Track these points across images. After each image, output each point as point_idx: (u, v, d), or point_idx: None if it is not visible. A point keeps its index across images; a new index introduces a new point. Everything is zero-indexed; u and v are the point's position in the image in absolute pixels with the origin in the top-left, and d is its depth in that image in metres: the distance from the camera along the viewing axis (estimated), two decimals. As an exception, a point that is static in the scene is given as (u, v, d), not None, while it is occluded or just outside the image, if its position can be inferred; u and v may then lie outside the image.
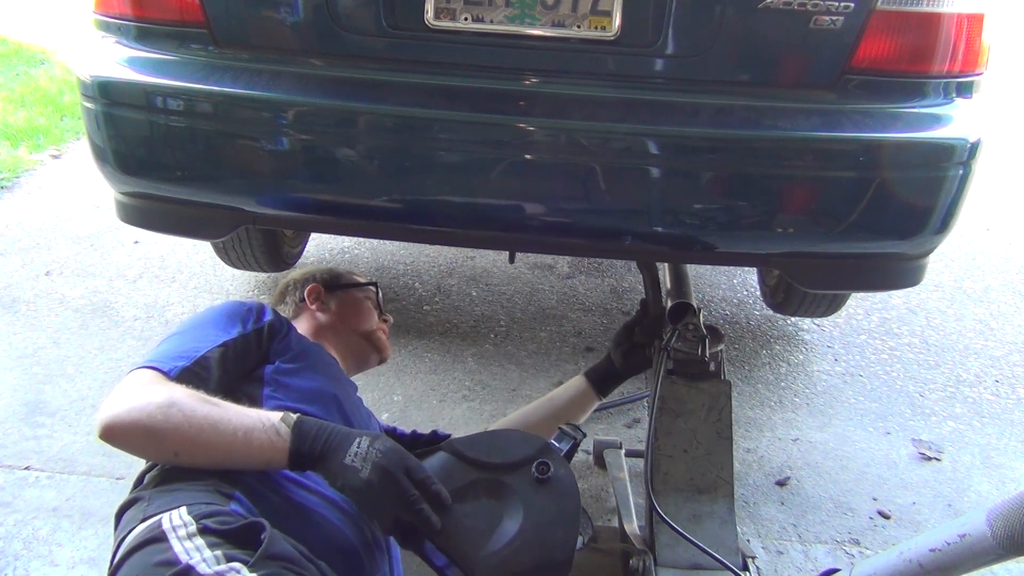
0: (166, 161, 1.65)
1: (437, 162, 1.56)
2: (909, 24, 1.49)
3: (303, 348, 1.51)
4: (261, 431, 1.16)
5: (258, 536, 1.06)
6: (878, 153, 1.52)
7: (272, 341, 1.46)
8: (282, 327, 1.51)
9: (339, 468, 1.14)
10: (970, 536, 1.05)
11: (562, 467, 1.27)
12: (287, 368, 1.43)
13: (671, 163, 1.56)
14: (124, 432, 1.15)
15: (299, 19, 1.56)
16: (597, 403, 1.84)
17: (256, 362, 1.43)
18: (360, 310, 1.73)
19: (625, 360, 1.78)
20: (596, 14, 1.50)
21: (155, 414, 1.14)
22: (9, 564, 1.61)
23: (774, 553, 1.78)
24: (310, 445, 1.16)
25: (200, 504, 1.10)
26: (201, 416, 1.15)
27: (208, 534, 1.04)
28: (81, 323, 2.50)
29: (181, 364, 1.27)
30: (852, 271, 1.72)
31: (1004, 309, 3.00)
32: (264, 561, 1.02)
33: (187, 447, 1.15)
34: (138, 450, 1.19)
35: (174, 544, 1.03)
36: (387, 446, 1.17)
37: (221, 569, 0.99)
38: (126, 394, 1.18)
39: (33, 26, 6.17)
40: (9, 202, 3.39)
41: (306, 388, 1.41)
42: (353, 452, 1.14)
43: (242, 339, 1.39)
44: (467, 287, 2.88)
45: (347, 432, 1.18)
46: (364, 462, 1.14)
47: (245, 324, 1.42)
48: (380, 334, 1.73)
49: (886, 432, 2.24)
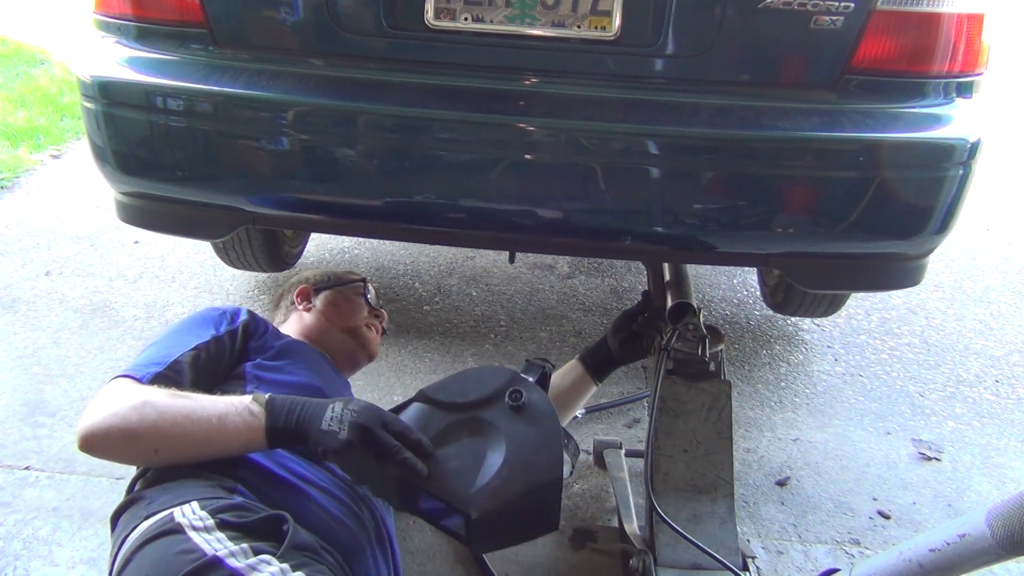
0: (166, 161, 1.65)
1: (437, 162, 1.56)
2: (909, 24, 1.49)
3: (284, 345, 1.54)
4: (235, 414, 1.17)
5: (279, 528, 1.07)
6: (878, 153, 1.52)
7: (249, 341, 1.50)
8: (258, 327, 1.54)
9: (318, 435, 1.15)
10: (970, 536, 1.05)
11: (534, 391, 1.29)
12: (268, 364, 1.46)
13: (671, 163, 1.56)
14: (102, 439, 1.16)
15: (299, 19, 1.57)
16: (595, 388, 1.84)
17: (233, 363, 1.46)
18: (343, 306, 1.74)
19: (622, 348, 1.79)
20: (596, 14, 1.50)
21: (129, 415, 1.15)
22: (9, 564, 1.61)
23: (774, 553, 1.78)
24: (284, 419, 1.17)
25: (209, 499, 1.10)
26: (175, 409, 1.17)
27: (227, 528, 1.04)
28: (81, 323, 2.50)
29: (154, 370, 1.30)
30: (852, 271, 1.72)
31: (1004, 309, 3.00)
32: (292, 552, 1.03)
33: (165, 442, 1.16)
34: (118, 454, 1.20)
35: (193, 536, 1.02)
36: (361, 405, 1.18)
37: (252, 562, 0.99)
38: (101, 404, 1.20)
39: (33, 26, 6.17)
40: (9, 202, 3.39)
41: (288, 382, 1.44)
42: (328, 417, 1.15)
43: (215, 342, 1.42)
44: (467, 287, 2.88)
45: (319, 401, 1.20)
46: (341, 424, 1.15)
47: (218, 327, 1.46)
48: (366, 330, 1.73)
49: (886, 432, 2.24)
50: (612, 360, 1.81)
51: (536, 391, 1.31)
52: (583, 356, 1.83)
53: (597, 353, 1.82)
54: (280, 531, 1.06)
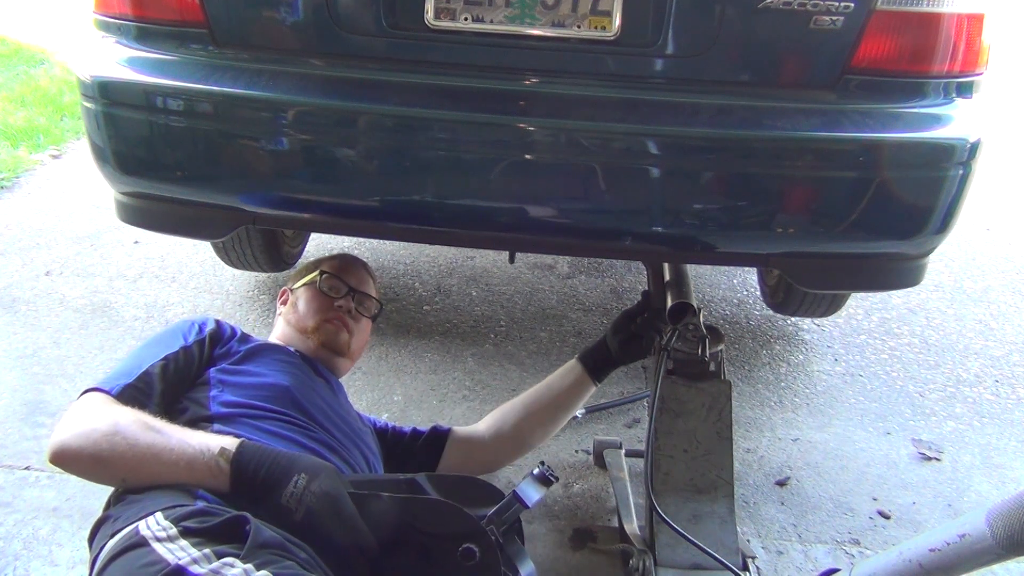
0: (166, 161, 1.65)
1: (437, 162, 1.56)
2: (909, 24, 1.49)
3: (250, 349, 1.55)
4: (202, 462, 1.20)
5: (242, 528, 1.07)
6: (878, 153, 1.52)
7: (215, 348, 1.53)
8: (224, 334, 1.57)
9: (275, 509, 1.17)
10: (970, 536, 1.05)
11: (490, 557, 1.21)
12: (232, 368, 1.49)
13: (671, 163, 1.56)
14: (72, 459, 1.21)
15: (299, 19, 1.57)
16: (594, 389, 1.84)
17: (200, 370, 1.49)
18: (300, 307, 1.68)
19: (622, 348, 1.78)
20: (596, 14, 1.50)
21: (100, 442, 1.19)
22: (9, 564, 1.61)
23: (774, 553, 1.78)
24: (250, 478, 1.19)
25: (172, 507, 1.12)
26: (144, 446, 1.20)
27: (190, 535, 1.06)
28: (81, 323, 2.50)
29: (124, 381, 1.35)
30: (852, 271, 1.72)
31: (1004, 309, 3.00)
32: (255, 551, 1.04)
33: (133, 475, 1.20)
34: (86, 475, 1.24)
35: (157, 548, 1.04)
36: (322, 488, 1.18)
37: (215, 566, 1.00)
38: (73, 420, 1.24)
39: (33, 26, 6.17)
40: (9, 202, 3.39)
41: (252, 383, 1.46)
42: (289, 492, 1.18)
43: (183, 352, 1.47)
44: (467, 287, 2.88)
45: (286, 466, 1.20)
46: (299, 504, 1.17)
47: (187, 338, 1.50)
48: (328, 326, 1.65)
49: (886, 432, 2.24)
50: (612, 360, 1.81)
51: (493, 557, 1.21)
52: (582, 356, 1.83)
53: (597, 353, 1.82)
54: (243, 532, 1.07)
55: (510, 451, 1.85)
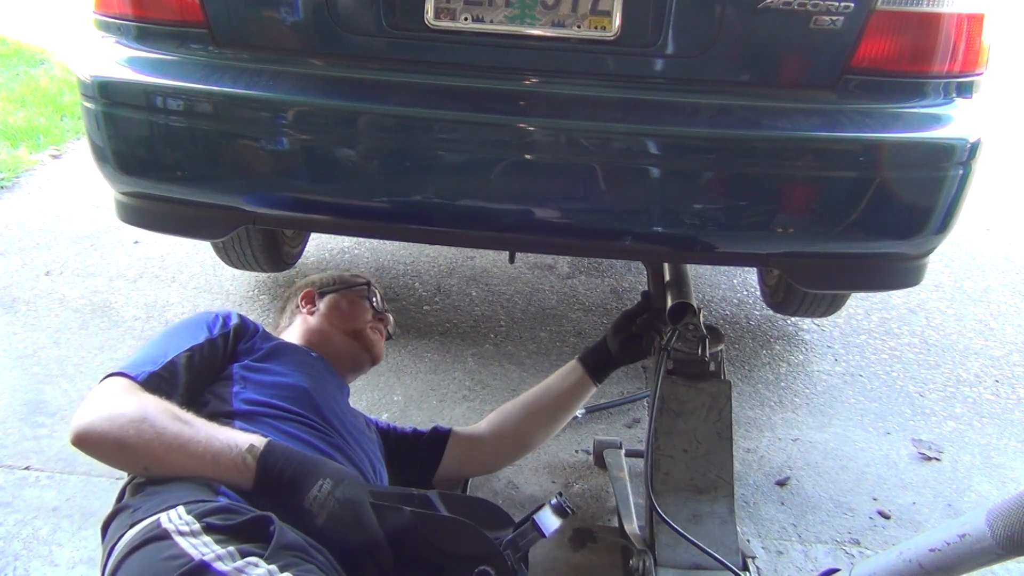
0: (166, 161, 1.65)
1: (437, 162, 1.56)
2: (909, 24, 1.50)
3: (273, 347, 1.55)
4: (228, 457, 1.19)
5: (266, 529, 1.07)
6: (878, 153, 1.53)
7: (238, 343, 1.52)
8: (248, 330, 1.56)
9: (296, 511, 1.16)
10: (970, 536, 1.05)
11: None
12: (256, 366, 1.48)
13: (671, 163, 1.56)
14: (96, 442, 1.18)
15: (299, 19, 1.57)
16: (594, 389, 1.84)
17: (223, 364, 1.48)
18: (347, 309, 1.73)
19: (622, 349, 1.78)
20: (596, 14, 1.50)
21: (127, 428, 1.17)
22: (9, 564, 1.61)
23: (774, 553, 1.78)
24: (275, 478, 1.19)
25: (195, 502, 1.10)
26: (172, 435, 1.18)
27: (213, 531, 1.04)
28: (81, 323, 2.50)
29: (150, 369, 1.32)
30: (852, 271, 1.72)
31: (1004, 309, 3.00)
32: (279, 552, 1.03)
33: (156, 464, 1.18)
34: (109, 460, 1.22)
35: (180, 542, 1.03)
36: (346, 495, 1.19)
37: (239, 564, 1.00)
38: (99, 402, 1.21)
39: (33, 26, 6.17)
40: (9, 202, 3.39)
41: (275, 383, 1.45)
42: (312, 496, 1.17)
43: (209, 344, 1.45)
44: (467, 287, 2.88)
45: (312, 470, 1.20)
46: (322, 509, 1.17)
47: (211, 330, 1.48)
48: (370, 332, 1.73)
49: (886, 432, 2.24)
50: (612, 361, 1.81)
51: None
52: (583, 357, 1.83)
53: (597, 354, 1.82)
54: (267, 532, 1.06)
55: (510, 452, 1.85)
